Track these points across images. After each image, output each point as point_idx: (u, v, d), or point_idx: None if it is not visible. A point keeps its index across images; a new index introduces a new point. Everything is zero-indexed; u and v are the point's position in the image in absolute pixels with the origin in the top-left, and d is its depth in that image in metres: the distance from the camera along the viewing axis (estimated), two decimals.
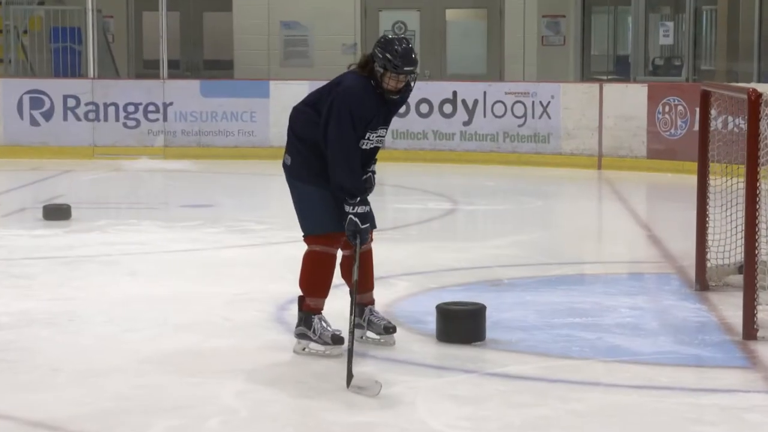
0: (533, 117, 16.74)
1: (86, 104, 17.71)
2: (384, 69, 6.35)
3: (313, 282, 6.58)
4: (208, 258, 9.86)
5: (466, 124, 17.09)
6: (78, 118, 17.73)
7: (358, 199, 6.36)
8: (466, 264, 9.45)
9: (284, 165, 6.62)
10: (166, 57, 18.19)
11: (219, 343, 6.92)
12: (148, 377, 6.20)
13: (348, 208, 6.36)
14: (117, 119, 17.72)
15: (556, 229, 12.09)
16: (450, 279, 8.74)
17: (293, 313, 6.82)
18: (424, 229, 11.70)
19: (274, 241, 10.19)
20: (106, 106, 17.71)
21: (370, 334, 6.79)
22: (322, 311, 6.61)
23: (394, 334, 6.76)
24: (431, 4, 21.08)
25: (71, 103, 17.73)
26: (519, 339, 6.94)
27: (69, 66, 19.43)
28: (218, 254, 10.05)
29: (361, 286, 6.61)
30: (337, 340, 6.50)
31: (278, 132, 17.32)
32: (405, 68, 6.35)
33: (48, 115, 17.73)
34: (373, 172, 6.69)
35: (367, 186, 6.59)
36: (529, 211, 13.03)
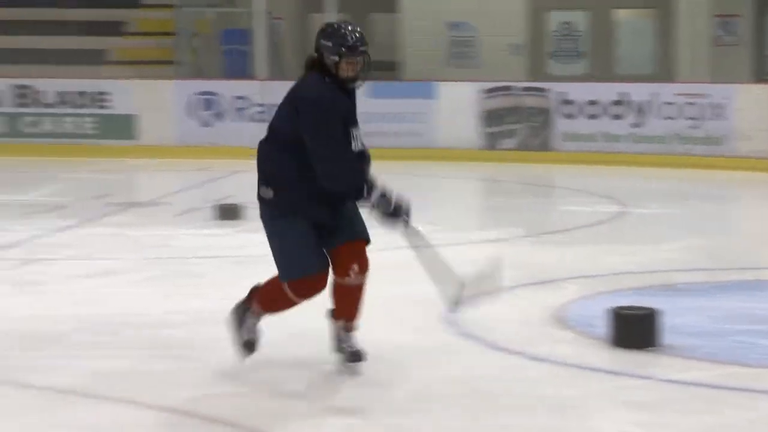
0: (706, 119, 16.44)
1: (255, 105, 17.99)
2: (338, 56, 5.95)
3: (270, 308, 6.25)
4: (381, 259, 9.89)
5: (635, 126, 16.86)
6: (248, 119, 18.02)
7: (365, 191, 5.98)
8: (636, 268, 9.32)
9: (262, 198, 6.11)
10: None
11: (398, 341, 6.94)
12: (321, 377, 6.24)
13: (368, 207, 6.01)
14: None
15: (731, 234, 11.85)
16: (621, 282, 8.63)
17: (461, 316, 6.78)
18: (592, 232, 11.56)
19: (443, 243, 10.18)
20: (274, 107, 17.91)
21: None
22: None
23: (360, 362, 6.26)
24: (600, 4, 20.87)
25: (241, 104, 18.04)
26: (694, 345, 6.81)
27: (238, 67, 19.73)
28: (388, 255, 10.07)
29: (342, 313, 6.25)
30: (248, 346, 6.23)
31: (445, 133, 17.40)
32: (361, 48, 5.99)
33: (218, 116, 18.07)
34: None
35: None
36: (703, 215, 12.80)
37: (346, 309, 6.20)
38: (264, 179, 6.07)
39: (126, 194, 15.09)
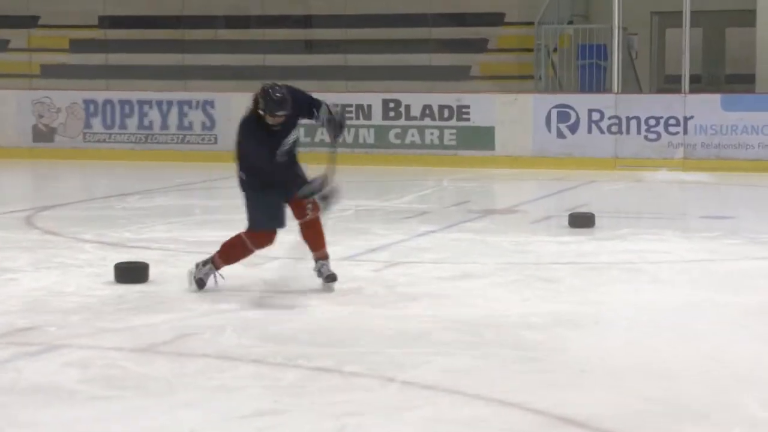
0: None
1: (609, 118, 17.85)
2: (264, 112, 8.08)
3: (228, 257, 8.48)
4: (726, 268, 9.62)
5: None
6: (601, 131, 17.90)
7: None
8: None
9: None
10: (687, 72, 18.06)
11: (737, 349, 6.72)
12: (672, 381, 6.10)
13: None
14: (638, 132, 17.74)
15: None
16: None
17: None
18: None
19: None
20: (628, 119, 17.77)
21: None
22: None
23: (333, 283, 8.45)
24: None
25: (595, 116, 17.94)
26: None
27: (594, 81, 19.62)
28: (736, 265, 9.79)
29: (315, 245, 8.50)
30: (200, 283, 8.41)
31: None
32: (277, 113, 8.05)
33: (573, 128, 18.02)
34: (341, 113, 8.39)
35: (340, 120, 8.31)
36: None
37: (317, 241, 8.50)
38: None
39: (484, 202, 15.25)
